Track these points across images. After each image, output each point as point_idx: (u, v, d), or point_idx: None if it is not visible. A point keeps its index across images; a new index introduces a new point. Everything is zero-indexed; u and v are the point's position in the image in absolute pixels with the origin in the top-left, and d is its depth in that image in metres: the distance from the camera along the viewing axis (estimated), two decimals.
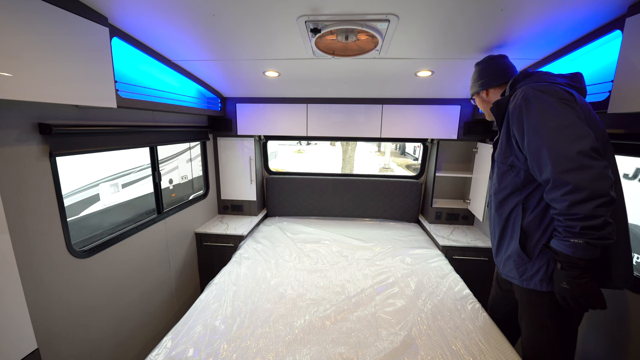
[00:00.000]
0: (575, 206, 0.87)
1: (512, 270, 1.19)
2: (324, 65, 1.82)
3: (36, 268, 1.19)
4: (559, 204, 0.91)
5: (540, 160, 0.96)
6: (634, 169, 3.02)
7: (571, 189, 0.87)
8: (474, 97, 1.43)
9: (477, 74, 1.38)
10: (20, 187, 1.13)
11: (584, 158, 0.87)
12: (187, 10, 1.23)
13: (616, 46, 1.17)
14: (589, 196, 0.85)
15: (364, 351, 1.27)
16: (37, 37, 0.98)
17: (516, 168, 1.11)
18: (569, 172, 0.88)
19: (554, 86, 1.00)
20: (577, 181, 0.86)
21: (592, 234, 0.87)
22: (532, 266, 1.11)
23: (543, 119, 0.95)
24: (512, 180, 1.13)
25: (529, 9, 1.17)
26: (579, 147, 0.88)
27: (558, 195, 0.91)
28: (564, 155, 0.89)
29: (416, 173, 3.02)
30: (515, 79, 1.15)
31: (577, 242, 0.89)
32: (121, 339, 1.66)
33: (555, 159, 0.91)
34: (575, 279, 0.92)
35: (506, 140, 1.12)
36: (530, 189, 1.09)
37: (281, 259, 2.12)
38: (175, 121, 2.13)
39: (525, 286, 1.14)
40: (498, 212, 1.21)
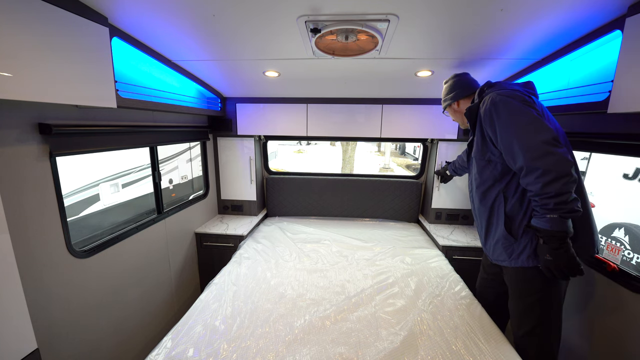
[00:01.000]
0: (547, 186, 1.04)
1: (501, 253, 1.34)
2: (324, 65, 1.82)
3: (36, 268, 1.19)
4: (534, 187, 1.08)
5: (513, 152, 1.14)
6: (634, 169, 3.02)
7: (541, 173, 1.05)
8: (447, 109, 1.62)
9: (448, 89, 1.57)
10: (20, 187, 1.13)
11: (547, 146, 1.05)
12: (187, 10, 1.23)
13: (616, 46, 1.17)
14: (556, 176, 1.03)
15: (364, 351, 1.27)
16: (37, 37, 0.98)
17: (493, 162, 1.29)
18: (537, 158, 1.06)
19: (515, 92, 1.19)
20: (544, 165, 1.04)
21: (563, 208, 1.04)
22: (518, 246, 1.27)
23: (511, 118, 1.14)
24: (491, 173, 1.30)
25: (528, 9, 1.17)
26: (542, 138, 1.06)
27: (532, 180, 1.08)
28: (531, 145, 1.08)
29: (416, 173, 3.02)
30: (481, 88, 1.36)
31: (553, 216, 1.06)
32: (121, 339, 1.66)
33: (525, 149, 1.09)
34: (555, 249, 1.08)
35: (481, 139, 1.30)
36: (508, 178, 1.27)
37: (281, 259, 2.12)
38: (175, 121, 2.13)
39: (514, 265, 1.30)
40: (482, 203, 1.37)
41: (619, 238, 2.65)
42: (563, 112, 1.49)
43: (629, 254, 2.52)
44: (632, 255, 2.50)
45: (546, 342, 1.25)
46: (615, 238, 2.69)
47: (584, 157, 3.67)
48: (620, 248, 2.56)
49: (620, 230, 2.66)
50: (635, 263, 2.46)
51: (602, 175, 3.29)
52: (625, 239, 2.60)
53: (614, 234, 2.70)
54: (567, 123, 1.59)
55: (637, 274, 1.28)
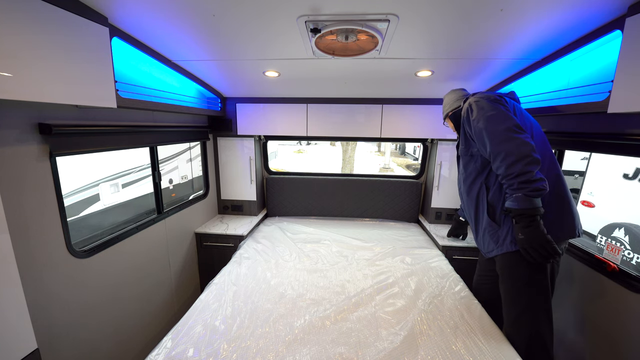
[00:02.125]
0: (510, 167, 1.16)
1: (489, 243, 1.42)
2: (324, 65, 1.82)
3: (36, 268, 1.19)
4: (500, 170, 1.20)
5: (483, 141, 1.28)
6: (634, 169, 3.02)
7: (504, 156, 1.17)
8: (446, 120, 1.77)
9: (444, 103, 1.76)
10: (20, 187, 1.13)
11: (508, 132, 1.19)
12: (187, 10, 1.23)
13: (616, 46, 1.17)
14: (517, 158, 1.14)
15: (364, 351, 1.27)
16: (37, 37, 0.98)
17: (475, 156, 1.44)
18: (500, 143, 1.19)
19: (487, 93, 1.37)
20: (506, 149, 1.17)
21: (527, 187, 1.13)
22: (502, 231, 1.35)
23: (481, 113, 1.30)
24: (474, 166, 1.45)
25: (529, 9, 1.17)
26: (504, 126, 1.21)
27: (498, 163, 1.20)
28: (495, 132, 1.22)
29: (416, 173, 3.02)
30: (466, 97, 1.49)
31: (518, 195, 1.15)
32: (121, 339, 1.66)
33: (490, 137, 1.23)
34: (525, 227, 1.16)
35: (464, 138, 1.46)
36: (487, 169, 1.40)
37: (281, 259, 2.12)
38: (175, 121, 2.13)
39: (500, 252, 1.37)
40: (469, 195, 1.50)
41: (619, 238, 2.65)
42: (563, 112, 1.49)
43: (629, 254, 2.52)
44: (632, 255, 2.50)
45: (535, 330, 1.26)
46: (615, 238, 2.69)
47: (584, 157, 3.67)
48: (620, 248, 2.56)
49: (620, 230, 2.67)
50: (635, 263, 2.46)
51: (602, 175, 3.29)
52: (625, 239, 2.61)
53: (614, 234, 2.70)
54: (567, 123, 1.59)
55: (637, 274, 1.28)
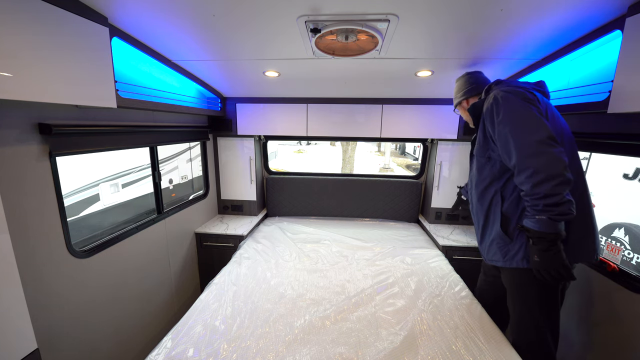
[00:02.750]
0: (537, 187, 1.02)
1: (496, 253, 1.32)
2: (324, 65, 1.82)
3: (36, 268, 1.19)
4: (524, 186, 1.07)
5: (508, 149, 1.13)
6: (634, 169, 3.02)
7: (532, 172, 1.03)
8: (457, 107, 1.62)
9: (459, 87, 1.57)
10: (20, 187, 1.13)
11: (540, 145, 1.03)
12: (187, 10, 1.23)
13: (616, 46, 1.17)
14: (546, 177, 1.00)
15: (364, 351, 1.27)
16: (37, 37, 0.98)
17: (492, 160, 1.27)
18: (529, 157, 1.05)
19: (518, 88, 1.18)
20: (536, 165, 1.03)
21: (552, 210, 1.01)
22: (514, 246, 1.24)
23: (509, 115, 1.13)
24: (490, 171, 1.29)
25: (529, 9, 1.17)
26: (537, 137, 1.04)
27: (523, 179, 1.07)
28: (524, 143, 1.06)
29: (416, 173, 3.02)
30: (489, 86, 1.34)
31: (541, 218, 1.04)
32: (121, 338, 1.66)
33: (518, 147, 1.08)
34: (543, 251, 1.06)
35: (483, 136, 1.29)
36: (505, 177, 1.25)
37: (281, 259, 2.12)
38: (175, 121, 2.13)
39: (509, 266, 1.27)
40: (480, 202, 1.36)
41: (619, 238, 2.65)
42: (563, 112, 1.49)
43: (629, 254, 2.52)
44: (632, 255, 2.50)
45: (544, 343, 1.24)
46: (615, 238, 2.69)
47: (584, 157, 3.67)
48: (620, 248, 2.56)
49: (620, 230, 2.66)
50: (635, 263, 2.46)
51: (602, 175, 3.29)
52: (625, 239, 2.60)
53: (614, 234, 2.70)
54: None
55: (637, 274, 1.28)
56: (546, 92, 1.29)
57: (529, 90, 1.18)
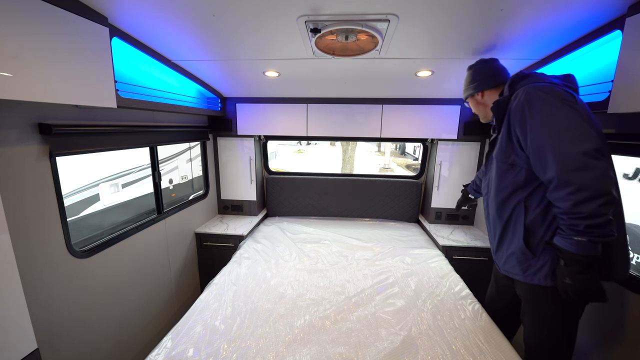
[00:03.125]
0: (580, 205, 0.90)
1: (514, 267, 1.21)
2: (324, 65, 1.82)
3: (36, 268, 1.19)
4: (563, 203, 0.94)
5: (544, 160, 0.98)
6: (634, 169, 3.02)
7: (575, 189, 0.90)
8: (468, 100, 1.43)
9: (471, 77, 1.38)
10: (20, 187, 1.13)
11: (588, 159, 0.90)
12: (187, 10, 1.23)
13: (616, 46, 1.17)
14: (592, 195, 0.88)
15: (364, 351, 1.27)
16: (37, 37, 0.98)
17: (517, 167, 1.13)
18: (573, 172, 0.91)
19: (555, 87, 1.02)
20: (581, 181, 0.89)
21: (595, 232, 0.90)
22: (536, 262, 1.13)
23: (547, 120, 0.97)
24: (513, 179, 1.15)
25: (528, 9, 1.17)
26: (583, 148, 0.90)
27: (562, 195, 0.94)
28: (568, 155, 0.92)
29: (416, 173, 3.02)
30: (513, 79, 1.17)
31: (581, 240, 0.92)
32: (121, 339, 1.66)
33: (559, 159, 0.94)
34: (578, 274, 0.95)
35: (507, 139, 1.13)
36: (532, 187, 1.11)
37: (281, 259, 2.12)
38: (175, 121, 2.13)
39: (529, 282, 1.17)
40: (499, 211, 1.22)
41: None
42: None
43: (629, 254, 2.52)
44: (633, 255, 2.50)
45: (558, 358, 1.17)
46: None
47: None
48: None
49: None
50: (636, 263, 2.46)
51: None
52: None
53: None
54: None
55: (637, 274, 1.28)
56: (576, 88, 1.13)
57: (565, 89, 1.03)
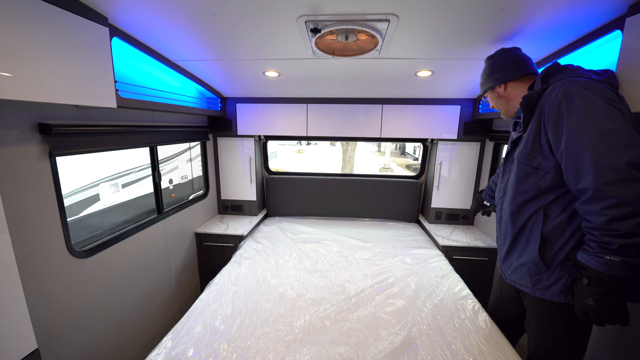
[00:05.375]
0: (617, 222, 0.80)
1: (523, 278, 1.13)
2: (324, 65, 1.82)
3: (36, 268, 1.19)
4: (596, 217, 0.84)
5: (579, 167, 0.87)
6: None
7: (614, 203, 0.80)
8: (488, 94, 1.28)
9: (491, 68, 1.23)
10: (20, 187, 1.13)
11: (632, 170, 0.78)
12: (187, 10, 1.23)
13: (616, 46, 1.17)
14: (633, 212, 0.78)
15: (364, 351, 1.27)
16: (37, 37, 0.98)
17: (542, 171, 1.01)
18: (614, 184, 0.80)
19: (598, 84, 0.91)
20: (622, 195, 0.79)
21: (631, 252, 0.81)
22: (550, 276, 1.05)
23: (588, 121, 0.85)
24: (535, 184, 1.03)
25: (528, 9, 1.17)
26: (628, 157, 0.79)
27: (597, 208, 0.84)
28: (610, 164, 0.81)
29: (416, 173, 3.02)
30: (547, 71, 1.04)
31: (613, 259, 0.83)
32: (121, 339, 1.66)
33: (599, 167, 0.82)
34: (604, 296, 0.86)
35: (535, 138, 1.01)
36: (555, 194, 1.00)
37: (281, 259, 2.12)
38: (175, 121, 2.13)
39: (539, 296, 1.09)
40: (514, 217, 1.12)
41: None
42: None
43: None
44: None
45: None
46: None
47: None
48: None
49: None
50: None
51: None
52: None
53: None
54: None
55: None
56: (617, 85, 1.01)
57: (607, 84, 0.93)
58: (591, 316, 0.91)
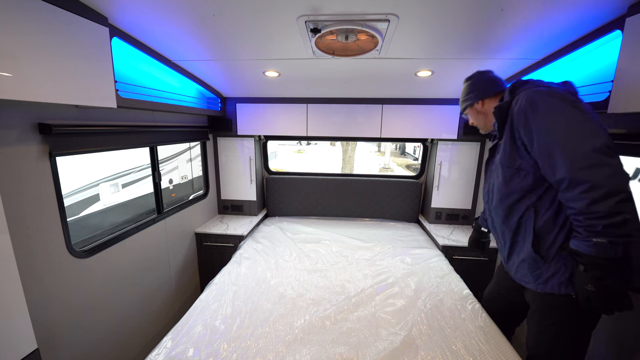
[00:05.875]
0: (595, 204, 0.87)
1: (526, 274, 1.18)
2: (324, 65, 1.82)
3: (36, 268, 1.19)
4: (577, 203, 0.91)
5: (553, 161, 0.96)
6: (634, 169, 3.02)
7: (589, 187, 0.87)
8: (467, 111, 1.39)
9: (470, 87, 1.35)
10: (20, 187, 1.13)
11: (599, 155, 0.87)
12: (187, 10, 1.23)
13: (616, 46, 1.17)
14: (608, 193, 0.85)
15: (364, 351, 1.27)
16: (37, 37, 0.98)
17: (523, 171, 1.10)
18: (585, 169, 0.88)
19: (555, 90, 1.02)
20: (594, 178, 0.87)
21: (614, 232, 0.86)
22: (548, 269, 1.10)
23: (552, 120, 0.96)
24: (520, 183, 1.11)
25: (529, 9, 1.17)
26: (593, 145, 0.88)
27: (576, 194, 0.91)
28: (578, 153, 0.90)
29: (416, 173, 3.02)
30: (514, 85, 1.17)
31: (600, 241, 0.88)
32: (121, 339, 1.66)
33: (570, 158, 0.91)
34: (600, 279, 0.91)
35: (511, 144, 1.11)
36: (540, 191, 1.08)
37: (281, 259, 2.12)
38: (175, 121, 2.13)
39: (541, 290, 1.13)
40: (507, 218, 1.18)
41: None
42: None
43: None
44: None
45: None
46: None
47: None
48: None
49: None
50: None
51: None
52: None
53: None
54: None
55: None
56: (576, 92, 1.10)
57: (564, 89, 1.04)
58: (595, 303, 0.93)
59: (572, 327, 1.10)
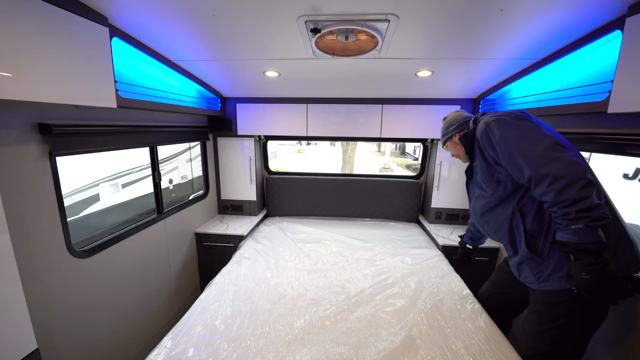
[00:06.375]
0: (562, 193, 0.95)
1: (528, 275, 1.24)
2: (324, 65, 1.82)
3: (36, 268, 1.19)
4: (547, 196, 1.00)
5: (517, 165, 1.08)
6: (634, 169, 3.02)
7: (552, 179, 0.97)
8: (447, 143, 1.54)
9: (448, 123, 1.51)
10: (20, 187, 1.13)
11: (551, 151, 1.00)
12: (187, 10, 1.23)
13: (616, 46, 1.17)
14: (569, 181, 0.94)
15: (364, 351, 1.27)
16: (37, 37, 0.98)
17: (503, 182, 1.22)
18: (543, 165, 1.00)
19: (506, 112, 1.18)
20: (553, 171, 0.97)
21: (587, 216, 0.92)
22: (547, 266, 1.15)
23: (507, 133, 1.11)
24: (503, 192, 1.24)
25: (529, 9, 1.17)
26: (544, 144, 1.02)
27: (544, 189, 1.00)
28: (533, 154, 1.03)
29: (416, 173, 3.02)
30: (475, 117, 1.36)
31: (578, 227, 0.94)
32: (121, 338, 1.66)
33: (528, 159, 1.04)
34: (591, 265, 0.94)
35: (484, 163, 1.25)
36: (520, 193, 1.19)
37: (281, 259, 2.12)
38: (175, 121, 2.13)
39: (542, 288, 1.17)
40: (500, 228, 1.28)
41: None
42: (563, 112, 1.49)
43: None
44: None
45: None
46: None
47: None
48: None
49: None
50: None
51: (602, 175, 3.28)
52: None
53: None
54: (567, 123, 1.59)
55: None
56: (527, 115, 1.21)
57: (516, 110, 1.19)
58: (594, 291, 0.96)
59: (574, 328, 1.11)
